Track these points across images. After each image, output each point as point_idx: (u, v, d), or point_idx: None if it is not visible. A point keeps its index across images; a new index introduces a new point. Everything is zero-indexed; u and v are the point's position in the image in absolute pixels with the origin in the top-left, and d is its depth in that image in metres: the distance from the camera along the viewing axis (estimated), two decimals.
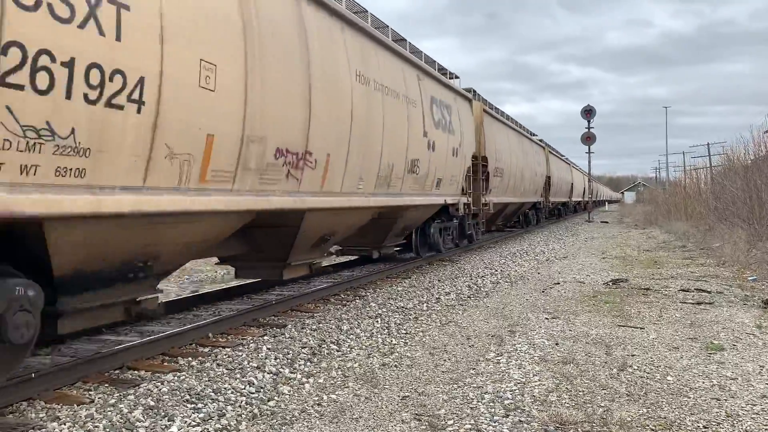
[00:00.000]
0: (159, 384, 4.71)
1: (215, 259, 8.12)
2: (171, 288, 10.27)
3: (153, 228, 5.01)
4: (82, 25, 4.00)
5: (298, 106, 6.67)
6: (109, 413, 4.08)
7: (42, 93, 3.77)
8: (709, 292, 8.77)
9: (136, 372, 5.13)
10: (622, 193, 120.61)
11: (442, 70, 13.25)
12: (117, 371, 5.12)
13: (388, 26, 10.14)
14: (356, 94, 7.99)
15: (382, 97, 8.90)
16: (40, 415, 4.11)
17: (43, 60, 3.75)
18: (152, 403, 4.28)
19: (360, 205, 8.50)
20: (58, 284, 4.47)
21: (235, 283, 9.81)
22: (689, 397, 4.37)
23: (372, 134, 8.55)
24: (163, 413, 4.11)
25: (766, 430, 3.77)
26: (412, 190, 10.47)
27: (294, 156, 6.63)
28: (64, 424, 3.90)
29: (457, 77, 14.23)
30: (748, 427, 3.80)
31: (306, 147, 6.82)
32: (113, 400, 4.34)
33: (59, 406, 4.25)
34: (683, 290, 9.04)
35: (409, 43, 11.11)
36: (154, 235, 5.09)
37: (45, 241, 4.17)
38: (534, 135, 27.51)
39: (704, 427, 3.82)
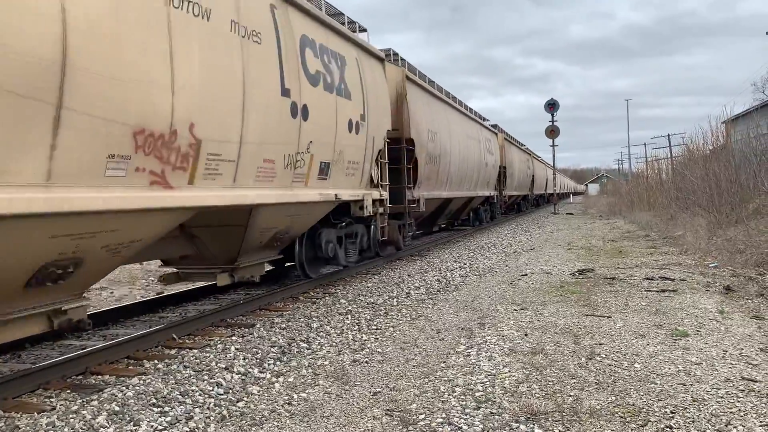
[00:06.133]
0: (124, 388, 4.59)
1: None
2: (137, 291, 10.05)
3: None
4: None
5: None
6: (72, 420, 3.96)
7: None
8: (673, 280, 8.94)
9: (99, 377, 4.99)
10: (586, 185, 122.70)
11: (337, 14, 9.56)
12: (80, 377, 4.98)
13: None
14: None
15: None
16: None
17: None
18: (117, 408, 4.16)
19: (121, 208, 4.68)
20: None
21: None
22: (656, 384, 4.43)
23: (147, 66, 4.78)
24: (128, 418, 4.00)
25: (731, 413, 3.84)
26: (264, 180, 6.71)
27: None
28: None
29: (363, 30, 10.36)
30: (714, 411, 3.87)
31: None
32: (76, 407, 4.22)
33: (18, 415, 4.11)
34: (648, 279, 9.20)
35: None
36: None
37: None
38: (485, 120, 23.61)
39: (671, 412, 3.88)
